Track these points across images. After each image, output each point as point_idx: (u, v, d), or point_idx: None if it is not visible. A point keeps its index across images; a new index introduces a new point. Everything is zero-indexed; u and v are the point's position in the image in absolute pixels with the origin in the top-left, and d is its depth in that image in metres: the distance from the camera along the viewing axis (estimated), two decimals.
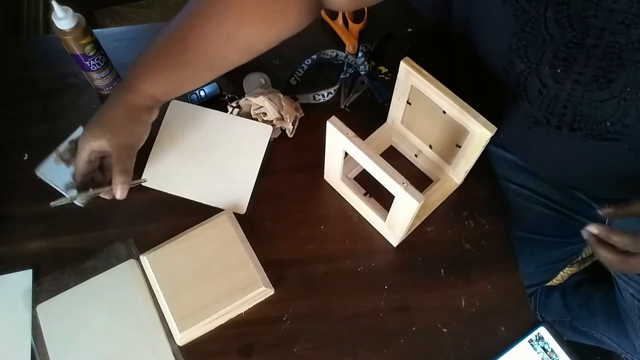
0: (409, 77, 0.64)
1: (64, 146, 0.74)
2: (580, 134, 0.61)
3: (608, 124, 0.57)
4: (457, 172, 0.71)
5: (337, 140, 0.60)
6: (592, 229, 0.54)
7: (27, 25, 1.17)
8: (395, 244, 0.69)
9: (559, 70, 0.56)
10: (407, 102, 0.69)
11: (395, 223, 0.64)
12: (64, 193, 0.70)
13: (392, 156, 0.75)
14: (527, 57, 0.58)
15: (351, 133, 0.58)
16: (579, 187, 0.79)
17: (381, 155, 0.70)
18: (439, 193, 0.72)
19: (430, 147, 0.72)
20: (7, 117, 0.79)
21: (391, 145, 0.76)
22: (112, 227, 0.71)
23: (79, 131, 0.74)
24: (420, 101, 0.66)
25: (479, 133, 0.60)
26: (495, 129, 0.59)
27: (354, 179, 0.72)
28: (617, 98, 0.54)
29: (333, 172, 0.70)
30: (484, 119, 0.59)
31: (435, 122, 0.67)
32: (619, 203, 0.55)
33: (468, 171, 0.69)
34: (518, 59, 0.59)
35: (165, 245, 0.68)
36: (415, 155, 0.75)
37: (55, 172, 0.73)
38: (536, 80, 0.59)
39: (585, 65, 0.54)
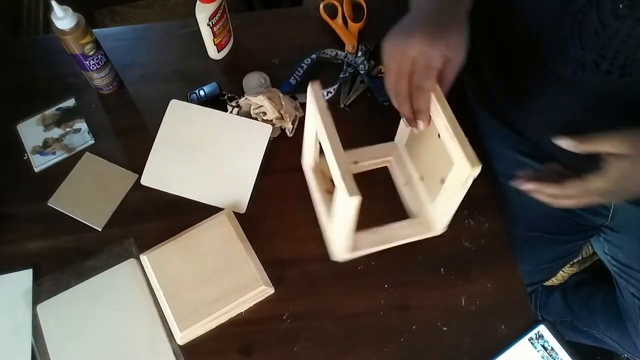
0: None
1: (50, 111, 0.76)
2: (630, 80, 0.58)
3: None
4: (436, 216, 0.65)
5: (311, 111, 0.55)
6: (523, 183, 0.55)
7: (27, 25, 1.17)
8: (338, 259, 0.66)
9: (621, 6, 0.54)
10: None
11: (336, 229, 0.60)
12: (28, 152, 0.74)
13: (382, 180, 0.72)
14: None
15: (324, 103, 0.54)
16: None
17: (371, 171, 0.69)
18: (410, 231, 0.66)
19: (422, 178, 0.68)
20: (7, 117, 0.79)
21: (386, 166, 0.73)
22: (112, 227, 0.72)
23: (70, 101, 0.77)
24: None
25: (463, 165, 0.53)
26: (480, 165, 0.52)
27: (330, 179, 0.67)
28: None
29: (306, 155, 0.65)
30: (473, 152, 0.52)
31: (429, 149, 0.62)
32: (586, 136, 0.53)
33: (447, 220, 0.63)
34: None
35: (165, 244, 0.68)
36: (405, 184, 0.70)
37: (30, 132, 0.76)
38: (594, 18, 0.56)
39: None
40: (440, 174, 0.60)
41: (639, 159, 0.50)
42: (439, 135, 0.57)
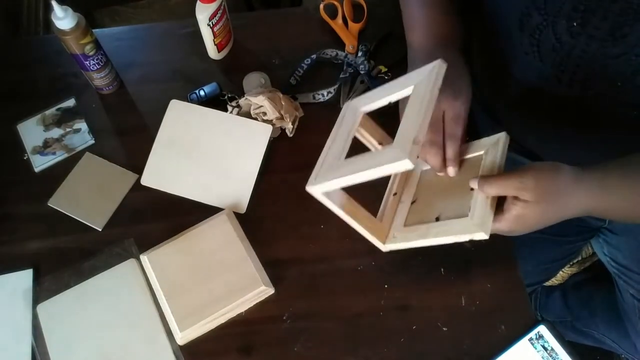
0: None
1: (50, 111, 0.76)
2: (592, 93, 0.60)
3: (619, 84, 0.57)
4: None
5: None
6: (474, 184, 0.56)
7: (27, 25, 1.17)
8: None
9: (575, 24, 0.56)
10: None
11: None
12: (28, 152, 0.74)
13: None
14: (545, 8, 0.58)
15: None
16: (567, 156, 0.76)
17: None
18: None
19: (414, 202, 0.64)
20: (7, 117, 0.79)
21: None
22: (112, 227, 0.72)
23: (70, 101, 0.77)
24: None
25: (473, 224, 0.54)
26: (486, 237, 0.53)
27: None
28: (629, 54, 0.54)
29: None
30: (490, 221, 0.54)
31: (444, 184, 0.63)
32: (496, 177, 0.54)
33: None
34: (536, 11, 0.59)
35: (165, 244, 0.68)
36: (400, 202, 0.67)
37: (31, 132, 0.77)
38: (551, 35, 0.59)
39: (603, 20, 0.54)
40: (437, 211, 0.60)
41: (534, 205, 0.52)
42: (472, 189, 0.57)
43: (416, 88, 0.53)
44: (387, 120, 0.75)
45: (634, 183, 0.55)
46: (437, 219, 0.60)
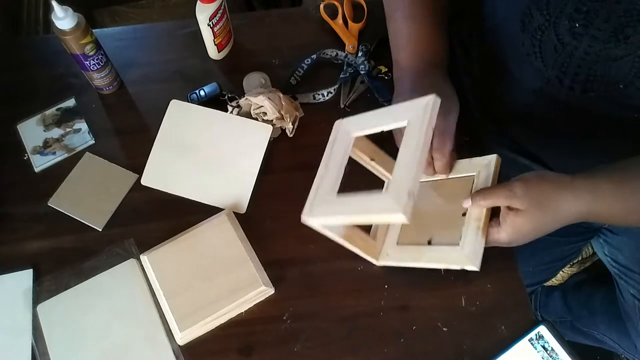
0: None
1: (50, 111, 0.76)
2: (593, 95, 0.60)
3: (621, 86, 0.57)
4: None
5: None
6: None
7: (27, 25, 1.17)
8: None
9: (577, 25, 0.56)
10: None
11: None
12: (28, 152, 0.73)
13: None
14: (547, 9, 0.58)
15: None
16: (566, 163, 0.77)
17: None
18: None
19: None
20: (7, 117, 0.79)
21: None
22: (112, 227, 0.72)
23: (70, 101, 0.77)
24: None
25: (463, 257, 0.57)
26: (473, 269, 0.56)
27: None
28: (631, 55, 0.54)
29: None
30: (481, 256, 0.56)
31: (434, 205, 0.65)
32: (485, 190, 0.57)
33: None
34: (537, 11, 0.59)
35: (165, 244, 0.68)
36: None
37: (31, 132, 0.77)
38: (553, 36, 0.59)
39: (606, 21, 0.54)
40: (429, 234, 0.62)
41: (525, 213, 0.54)
42: (463, 214, 0.59)
43: (410, 125, 0.53)
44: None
45: (625, 188, 0.55)
46: (429, 243, 0.62)
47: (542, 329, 0.64)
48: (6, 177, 0.75)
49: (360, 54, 0.82)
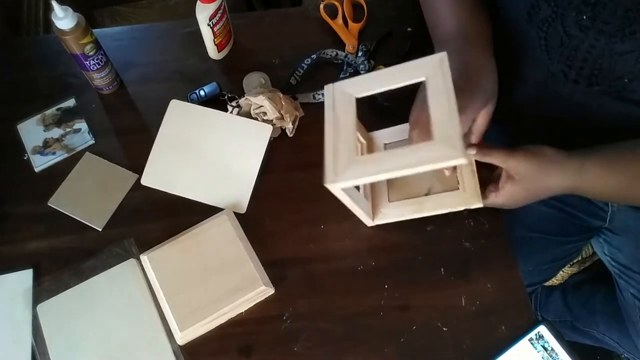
0: None
1: (50, 111, 0.76)
2: (598, 90, 0.60)
3: (626, 80, 0.57)
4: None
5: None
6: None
7: (27, 25, 1.17)
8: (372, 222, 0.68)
9: (585, 17, 0.56)
10: None
11: None
12: (28, 152, 0.73)
13: None
14: (554, 0, 0.58)
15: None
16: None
17: None
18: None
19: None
20: (7, 117, 0.79)
21: None
22: (112, 227, 0.72)
23: (70, 101, 0.77)
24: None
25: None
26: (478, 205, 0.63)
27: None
28: (637, 51, 0.54)
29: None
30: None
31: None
32: (487, 145, 0.60)
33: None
34: (545, 2, 0.59)
35: (165, 244, 0.68)
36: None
37: (31, 132, 0.77)
38: (559, 28, 0.59)
39: (613, 14, 0.54)
40: (425, 187, 0.67)
41: (520, 182, 0.60)
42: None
43: (431, 79, 0.55)
44: (383, 119, 0.75)
45: (614, 165, 0.59)
46: (427, 194, 0.67)
47: (542, 329, 0.64)
48: (6, 177, 0.75)
49: (360, 53, 0.82)
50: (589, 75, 0.60)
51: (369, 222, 0.68)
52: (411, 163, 0.52)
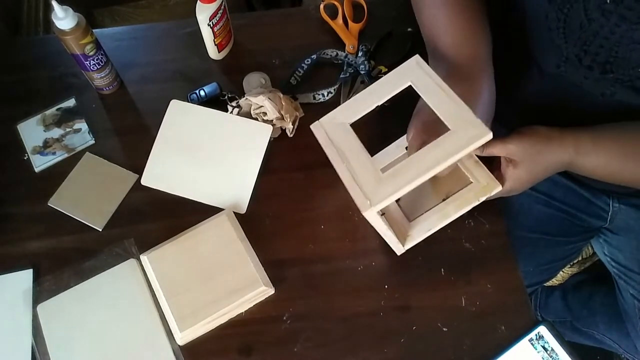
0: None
1: (50, 111, 0.76)
2: (611, 77, 0.60)
3: None
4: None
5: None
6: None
7: (27, 25, 1.17)
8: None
9: (608, 1, 0.55)
10: None
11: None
12: (28, 152, 0.73)
13: None
14: None
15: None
16: None
17: None
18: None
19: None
20: (7, 117, 0.79)
21: None
22: (112, 227, 0.72)
23: (70, 101, 0.77)
24: None
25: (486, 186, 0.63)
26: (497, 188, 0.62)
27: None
28: None
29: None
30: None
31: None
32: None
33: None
34: None
35: (165, 245, 0.68)
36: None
37: (31, 132, 0.77)
38: (581, 11, 0.58)
39: (637, 0, 0.53)
40: (442, 193, 0.66)
41: (521, 164, 0.60)
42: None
43: (419, 81, 0.56)
44: (383, 119, 0.75)
45: (608, 143, 0.61)
46: (444, 200, 0.66)
47: (542, 329, 0.64)
48: (6, 177, 0.75)
49: (360, 54, 0.82)
50: (603, 62, 0.59)
51: (399, 250, 0.66)
52: (443, 156, 0.51)
